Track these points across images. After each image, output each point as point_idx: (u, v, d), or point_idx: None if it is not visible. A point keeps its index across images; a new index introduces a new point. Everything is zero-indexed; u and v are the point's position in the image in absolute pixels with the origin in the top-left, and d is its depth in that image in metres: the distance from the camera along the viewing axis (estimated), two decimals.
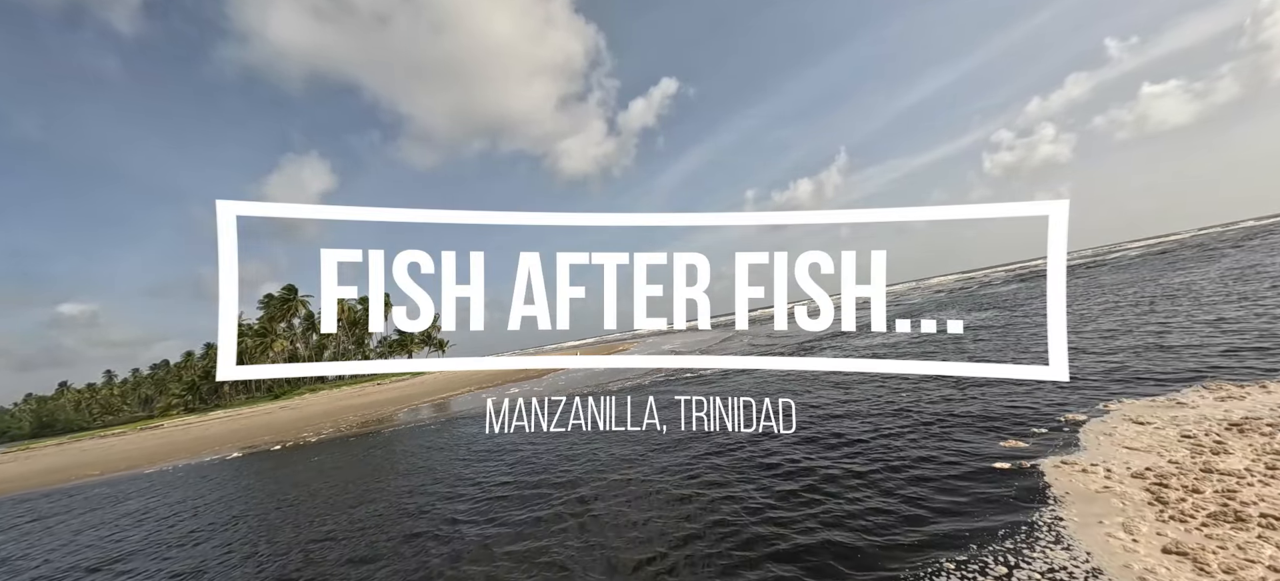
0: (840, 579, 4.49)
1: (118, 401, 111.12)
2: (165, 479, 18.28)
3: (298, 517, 9.46)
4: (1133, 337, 12.38)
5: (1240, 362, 8.82)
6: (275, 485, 13.20)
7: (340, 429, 24.52)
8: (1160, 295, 19.42)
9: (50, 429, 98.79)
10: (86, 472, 25.41)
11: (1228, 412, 6.60)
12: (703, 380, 18.50)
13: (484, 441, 13.71)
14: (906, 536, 4.94)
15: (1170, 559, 3.89)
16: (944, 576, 4.21)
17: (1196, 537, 4.06)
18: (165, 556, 8.72)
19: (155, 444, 35.21)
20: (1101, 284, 28.98)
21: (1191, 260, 34.43)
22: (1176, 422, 6.56)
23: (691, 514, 6.29)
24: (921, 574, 4.32)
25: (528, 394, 25.35)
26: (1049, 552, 4.26)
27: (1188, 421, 6.54)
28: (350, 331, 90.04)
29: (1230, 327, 11.61)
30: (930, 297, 46.59)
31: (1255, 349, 9.52)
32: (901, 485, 6.13)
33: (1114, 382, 8.93)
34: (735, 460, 8.20)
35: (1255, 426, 5.99)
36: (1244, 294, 15.91)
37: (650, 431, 10.76)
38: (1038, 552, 4.29)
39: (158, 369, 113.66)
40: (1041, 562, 4.15)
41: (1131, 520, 4.47)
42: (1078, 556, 4.13)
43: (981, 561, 4.31)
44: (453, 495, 9.02)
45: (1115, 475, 5.38)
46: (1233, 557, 3.75)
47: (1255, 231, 64.15)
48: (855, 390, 12.00)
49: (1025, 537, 4.54)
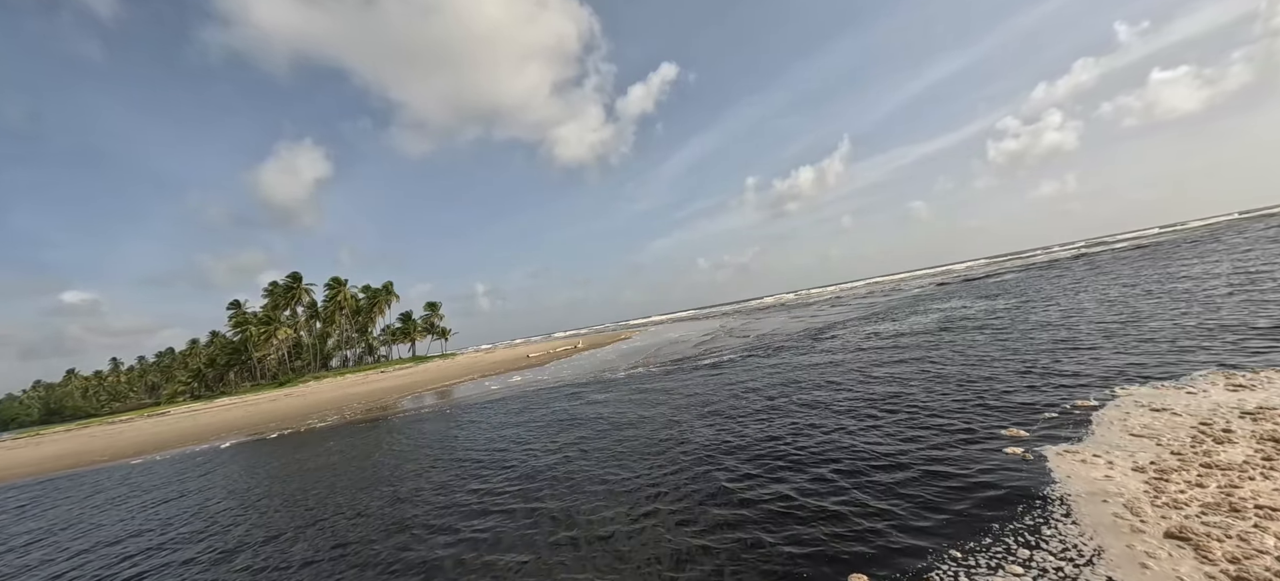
0: (841, 560, 4.47)
1: (125, 388, 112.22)
2: (195, 460, 18.45)
3: (323, 496, 9.52)
4: (1146, 324, 12.27)
5: (1255, 350, 8.72)
6: (297, 467, 13.30)
7: (345, 416, 24.68)
8: (1172, 283, 19.25)
9: (58, 415, 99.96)
10: (123, 455, 25.71)
11: (1241, 401, 6.50)
12: (695, 367, 18.48)
13: (486, 426, 13.77)
14: (909, 520, 4.91)
15: (1171, 543, 3.84)
16: (944, 561, 4.18)
17: (1197, 525, 4.01)
18: (208, 534, 8.81)
19: (168, 429, 35.56)
20: (1111, 271, 28.75)
21: (1203, 248, 34.11)
22: (1189, 411, 6.48)
23: (655, 462, 6.29)
24: (921, 559, 4.29)
25: (531, 382, 25.40)
26: (1049, 538, 4.22)
27: (1199, 410, 6.45)
28: (354, 320, 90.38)
29: (1244, 315, 11.49)
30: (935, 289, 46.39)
31: (1270, 336, 9.44)
32: (905, 468, 6.09)
33: (1126, 369, 8.84)
34: (745, 440, 8.18)
35: (1269, 416, 5.90)
36: (1257, 281, 15.74)
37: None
38: (1037, 538, 4.24)
39: (163, 356, 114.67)
40: (1040, 549, 4.10)
41: (1131, 508, 4.42)
42: (1077, 542, 4.09)
43: (979, 546, 4.27)
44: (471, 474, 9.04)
45: (1118, 466, 5.32)
46: (1237, 547, 3.70)
47: (1268, 217, 63.47)
48: (861, 373, 11.96)
49: (1024, 524, 4.50)
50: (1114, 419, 6.65)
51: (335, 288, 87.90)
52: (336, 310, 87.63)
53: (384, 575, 5.84)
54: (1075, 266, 39.40)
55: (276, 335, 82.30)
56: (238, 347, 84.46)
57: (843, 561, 4.52)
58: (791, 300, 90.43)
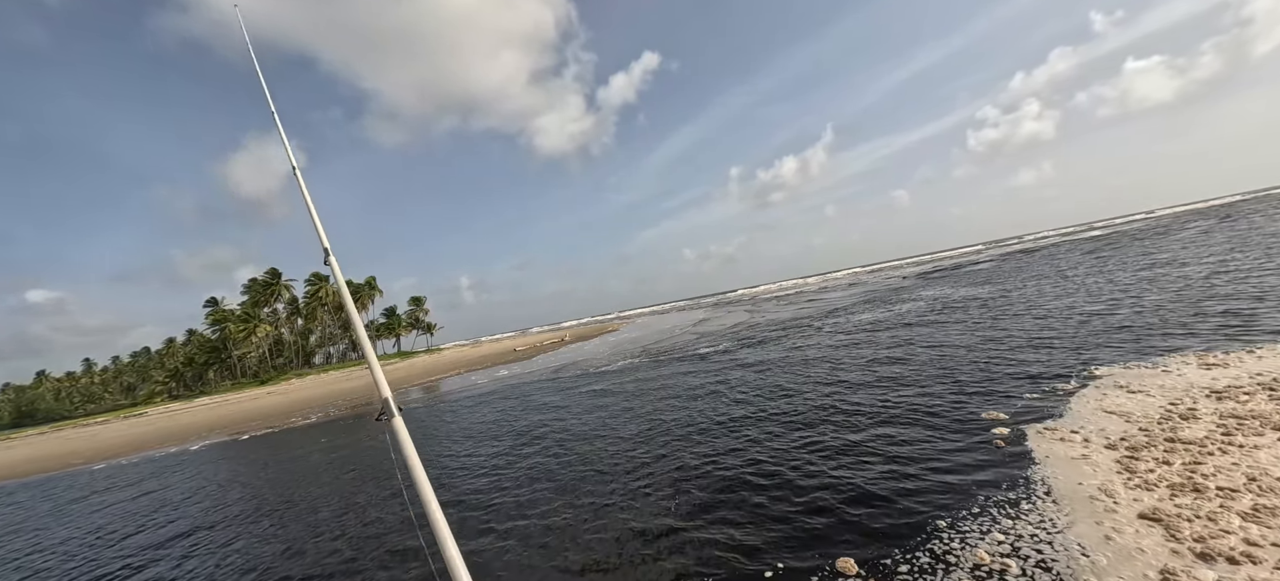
0: (825, 538, 4.51)
1: (99, 389, 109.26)
2: (179, 461, 18.04)
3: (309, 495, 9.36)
4: (1125, 307, 12.56)
5: (1230, 330, 8.98)
6: (276, 467, 13.06)
7: (329, 414, 24.32)
8: (1152, 267, 19.74)
9: (31, 418, 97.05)
10: (100, 457, 25.02)
11: (1213, 380, 6.70)
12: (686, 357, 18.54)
13: (483, 416, 13.67)
14: (892, 497, 4.98)
15: (1144, 524, 3.95)
16: (923, 535, 4.24)
17: (1168, 506, 4.13)
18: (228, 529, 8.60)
19: (145, 431, 34.72)
20: (1092, 256, 29.41)
21: (1179, 233, 35.07)
22: (1163, 390, 6.66)
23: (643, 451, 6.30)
24: (906, 533, 4.35)
25: (518, 375, 25.26)
26: (1023, 516, 4.30)
27: (1173, 390, 6.63)
28: (336, 316, 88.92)
29: (1220, 296, 11.83)
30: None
31: (1245, 315, 9.74)
32: (888, 447, 6.17)
33: (1105, 350, 9.06)
34: (732, 427, 8.21)
35: (1232, 395, 6.08)
36: (1235, 264, 16.22)
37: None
38: (1011, 516, 4.33)
39: (139, 356, 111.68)
40: (1015, 526, 4.18)
41: (1104, 487, 4.52)
42: (1051, 520, 4.18)
43: (953, 524, 4.34)
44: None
45: (1093, 444, 5.45)
46: (1204, 527, 3.81)
47: (1237, 206, 65.51)
48: (843, 353, 12.08)
49: (1000, 502, 4.58)
50: (1091, 399, 6.81)
51: (316, 283, 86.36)
52: (318, 306, 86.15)
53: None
54: (1055, 253, 40.24)
55: (257, 332, 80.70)
56: (217, 346, 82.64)
57: (831, 541, 4.56)
58: (776, 290, 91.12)
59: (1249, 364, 7.10)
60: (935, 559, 4.04)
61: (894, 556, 4.19)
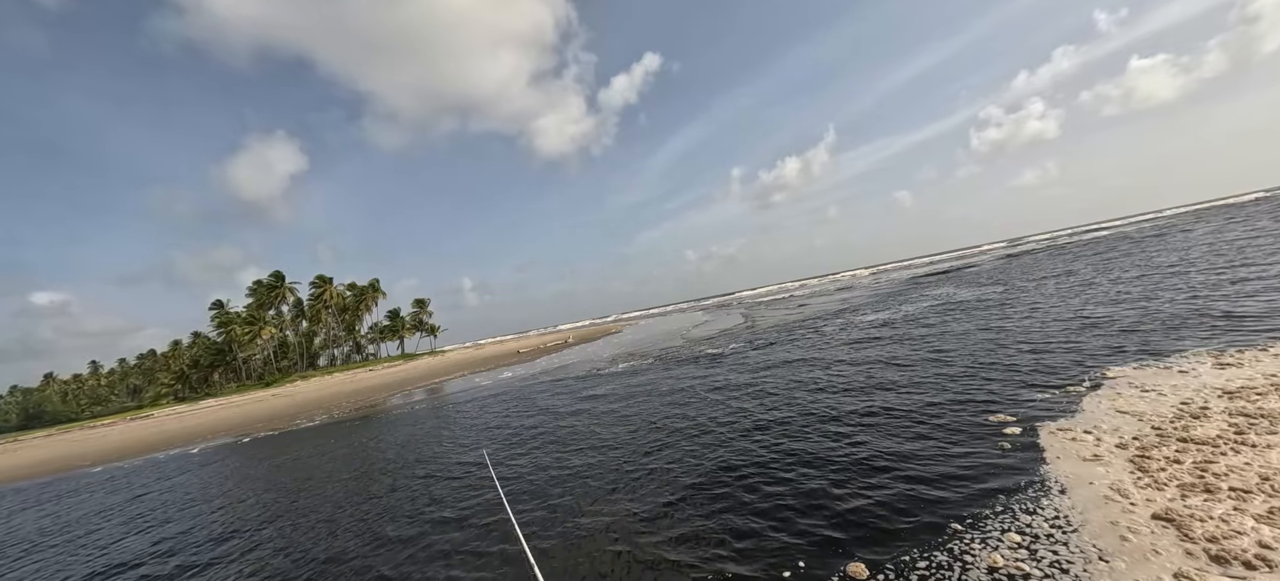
0: (836, 543, 4.51)
1: (106, 391, 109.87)
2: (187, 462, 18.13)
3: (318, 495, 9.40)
4: (1136, 308, 12.51)
5: (1243, 329, 8.93)
6: (280, 468, 13.12)
7: (333, 415, 24.40)
8: (1160, 267, 19.65)
9: (38, 420, 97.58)
10: (107, 458, 25.18)
11: (1226, 380, 6.67)
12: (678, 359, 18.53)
13: (481, 425, 13.70)
14: (903, 500, 4.97)
15: (1158, 525, 3.94)
16: (936, 538, 4.24)
17: (1179, 507, 4.12)
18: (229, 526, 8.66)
19: (151, 433, 34.92)
20: (1099, 256, 29.28)
21: (1187, 233, 34.87)
22: (1176, 390, 6.63)
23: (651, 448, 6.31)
24: (918, 536, 4.34)
25: (522, 377, 25.29)
26: (1036, 517, 4.29)
27: (1186, 389, 6.61)
28: (340, 318, 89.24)
29: (1232, 295, 11.76)
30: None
31: (1258, 314, 9.68)
32: (899, 448, 6.17)
33: (1117, 351, 9.02)
34: (742, 430, 8.21)
35: (1245, 394, 6.06)
36: (1246, 263, 16.12)
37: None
38: (1025, 516, 4.32)
39: (144, 358, 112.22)
40: (1029, 526, 4.18)
41: (1117, 487, 4.51)
42: (1065, 519, 4.18)
43: (968, 526, 4.34)
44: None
45: (1105, 443, 5.44)
46: (1217, 528, 3.80)
47: (1245, 205, 65.09)
48: (864, 351, 12.07)
49: (1013, 503, 4.57)
50: (1104, 399, 6.79)
51: (321, 285, 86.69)
52: (323, 308, 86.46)
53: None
54: (1061, 253, 40.08)
55: (261, 335, 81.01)
56: (222, 348, 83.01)
57: (842, 546, 4.56)
58: (777, 291, 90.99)
59: (1264, 363, 7.06)
60: (950, 560, 4.04)
61: (907, 561, 4.18)
